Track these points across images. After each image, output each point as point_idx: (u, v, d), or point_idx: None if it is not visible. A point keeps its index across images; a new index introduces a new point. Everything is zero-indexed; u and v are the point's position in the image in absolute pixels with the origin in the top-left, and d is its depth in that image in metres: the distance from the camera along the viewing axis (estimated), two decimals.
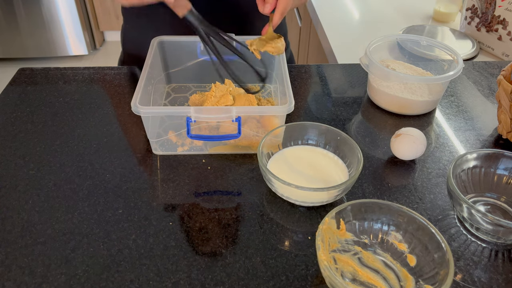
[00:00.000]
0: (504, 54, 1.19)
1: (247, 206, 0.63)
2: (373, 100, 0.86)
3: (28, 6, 2.66)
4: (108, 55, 3.04)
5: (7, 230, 0.59)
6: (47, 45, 2.82)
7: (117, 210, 0.62)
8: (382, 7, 1.52)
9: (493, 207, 0.63)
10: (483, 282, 0.54)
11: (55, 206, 0.62)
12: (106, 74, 0.92)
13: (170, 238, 0.58)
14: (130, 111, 0.81)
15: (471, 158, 0.64)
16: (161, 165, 0.70)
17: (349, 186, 0.60)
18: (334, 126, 0.71)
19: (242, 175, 0.68)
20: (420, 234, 0.53)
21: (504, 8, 1.16)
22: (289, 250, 0.57)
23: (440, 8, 1.42)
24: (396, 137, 0.70)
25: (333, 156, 0.68)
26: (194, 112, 0.64)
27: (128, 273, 0.54)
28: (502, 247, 0.58)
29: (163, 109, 0.67)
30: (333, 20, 1.40)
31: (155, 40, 0.82)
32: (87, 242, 0.57)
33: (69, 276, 0.53)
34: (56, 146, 0.73)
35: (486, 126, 0.81)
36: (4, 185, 0.65)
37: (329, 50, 1.27)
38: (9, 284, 0.52)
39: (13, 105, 0.82)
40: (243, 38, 0.82)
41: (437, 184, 0.68)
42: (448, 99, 0.89)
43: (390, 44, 0.92)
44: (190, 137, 0.67)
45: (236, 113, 0.65)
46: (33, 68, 0.93)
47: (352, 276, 0.53)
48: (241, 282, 0.53)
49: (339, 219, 0.54)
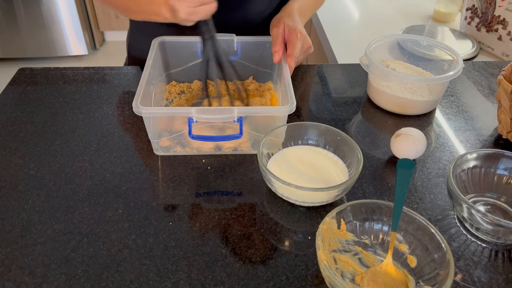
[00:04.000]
0: (504, 54, 1.19)
1: (247, 206, 0.63)
2: (373, 100, 0.86)
3: (28, 6, 2.66)
4: (108, 55, 3.04)
5: (7, 230, 0.59)
6: (47, 45, 2.82)
7: (117, 210, 0.62)
8: (382, 7, 1.52)
9: (493, 207, 0.63)
10: (483, 282, 0.54)
11: (55, 206, 0.62)
12: (106, 74, 0.92)
13: (170, 238, 0.58)
14: (130, 111, 0.80)
15: (471, 158, 0.64)
16: (161, 165, 0.70)
17: (349, 186, 0.60)
18: (334, 126, 0.71)
19: (242, 175, 0.68)
20: (420, 234, 0.53)
21: (504, 8, 1.16)
22: (289, 250, 0.57)
23: (440, 8, 1.42)
24: (396, 137, 0.70)
25: (333, 156, 0.68)
26: (196, 113, 0.64)
27: (128, 273, 0.54)
28: (502, 247, 0.58)
29: (164, 109, 0.67)
30: (333, 20, 1.40)
31: (156, 41, 0.81)
32: (87, 242, 0.57)
33: (69, 276, 0.53)
34: (56, 146, 0.73)
35: (486, 126, 0.81)
36: (4, 185, 0.65)
37: (329, 50, 1.27)
38: (9, 284, 0.52)
39: (13, 105, 0.82)
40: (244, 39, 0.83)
41: (437, 184, 0.68)
42: (448, 99, 0.89)
43: (390, 44, 0.92)
44: (192, 138, 0.67)
45: (237, 113, 0.65)
46: (33, 68, 0.93)
47: (352, 276, 0.53)
48: (241, 282, 0.53)
49: (339, 219, 0.54)
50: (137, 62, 1.00)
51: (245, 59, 0.86)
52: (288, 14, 0.82)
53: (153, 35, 0.83)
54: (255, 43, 0.84)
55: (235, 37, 0.82)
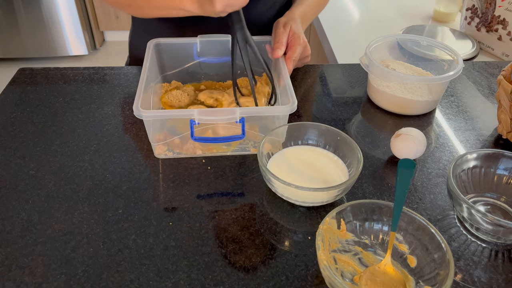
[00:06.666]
0: (504, 54, 1.19)
1: (247, 206, 0.63)
2: (373, 100, 0.86)
3: (28, 6, 2.66)
4: (108, 55, 3.04)
5: (7, 230, 0.59)
6: (47, 45, 2.82)
7: (117, 210, 0.62)
8: (382, 7, 1.52)
9: (493, 207, 0.63)
10: (483, 282, 0.54)
11: (55, 206, 0.62)
12: (106, 74, 0.92)
13: (170, 238, 0.58)
14: (130, 111, 0.81)
15: (471, 158, 0.64)
16: (161, 165, 0.70)
17: (349, 186, 0.60)
18: (334, 126, 0.71)
19: (242, 175, 0.68)
20: (420, 234, 0.53)
21: (504, 8, 1.16)
22: (289, 250, 0.57)
23: (440, 8, 1.42)
24: (396, 137, 0.70)
25: (333, 156, 0.68)
26: (198, 115, 0.64)
27: (128, 273, 0.54)
28: (502, 247, 0.58)
29: (166, 112, 0.67)
30: (333, 20, 1.40)
31: (151, 43, 0.81)
32: (87, 242, 0.57)
33: (69, 276, 0.53)
34: (56, 146, 0.73)
35: (486, 126, 0.81)
36: (4, 185, 0.65)
37: (329, 50, 1.27)
38: (9, 284, 0.52)
39: (13, 105, 0.82)
40: None
41: (437, 184, 0.68)
42: (448, 99, 0.89)
43: (390, 44, 0.92)
44: (194, 140, 0.66)
45: (240, 114, 0.65)
46: (33, 68, 0.93)
47: (352, 276, 0.53)
48: (241, 282, 0.53)
49: (339, 219, 0.54)
50: (139, 61, 1.00)
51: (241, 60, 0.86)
52: (292, 19, 0.83)
53: (156, 34, 0.83)
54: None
55: (231, 37, 0.82)
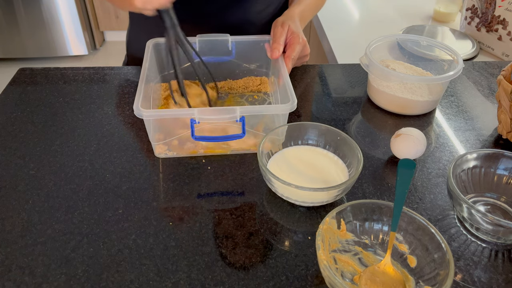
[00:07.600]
0: (504, 54, 1.19)
1: (247, 206, 0.63)
2: (373, 100, 0.86)
3: (28, 6, 2.66)
4: (108, 55, 3.04)
5: (7, 230, 0.59)
6: (47, 45, 2.82)
7: (117, 210, 0.62)
8: (382, 7, 1.52)
9: (493, 207, 0.63)
10: (483, 282, 0.54)
11: (55, 206, 0.62)
12: (106, 74, 0.92)
13: (170, 238, 0.58)
14: (130, 111, 0.81)
15: (471, 158, 0.64)
16: (161, 165, 0.69)
17: (349, 186, 0.60)
18: (334, 126, 0.71)
19: (242, 175, 0.68)
20: (420, 234, 0.53)
21: (504, 8, 1.16)
22: (289, 250, 0.57)
23: (440, 8, 1.42)
24: (396, 137, 0.70)
25: (333, 156, 0.68)
26: (198, 114, 0.64)
27: (128, 273, 0.54)
28: (502, 247, 0.58)
29: (166, 111, 0.67)
30: (333, 20, 1.40)
31: (151, 43, 0.81)
32: (87, 242, 0.57)
33: (69, 276, 0.53)
34: (56, 146, 0.73)
35: (486, 126, 0.81)
36: (4, 185, 0.65)
37: (329, 50, 1.27)
38: (9, 284, 0.52)
39: (13, 105, 0.82)
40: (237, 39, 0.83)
41: (437, 184, 0.68)
42: (448, 99, 0.89)
43: (390, 44, 0.92)
44: (195, 139, 0.66)
45: (240, 113, 0.65)
46: (33, 68, 0.93)
47: (352, 276, 0.53)
48: (241, 282, 0.53)
49: (339, 219, 0.54)
50: (136, 60, 1.00)
51: (240, 59, 0.86)
52: (290, 19, 0.83)
53: (152, 32, 0.83)
54: (250, 42, 0.85)
55: (229, 37, 0.82)
